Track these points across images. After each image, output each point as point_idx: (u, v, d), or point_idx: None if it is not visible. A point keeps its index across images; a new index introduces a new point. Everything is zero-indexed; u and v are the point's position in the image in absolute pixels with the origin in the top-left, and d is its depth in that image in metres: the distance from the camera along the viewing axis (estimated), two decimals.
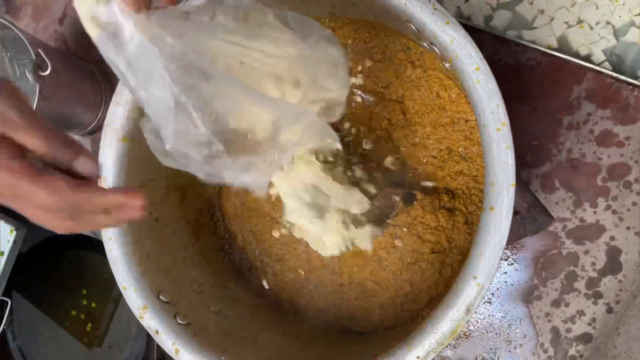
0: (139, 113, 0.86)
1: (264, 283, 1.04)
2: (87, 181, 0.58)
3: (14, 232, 1.15)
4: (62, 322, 1.30)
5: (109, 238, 0.86)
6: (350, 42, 0.99)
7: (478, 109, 0.69)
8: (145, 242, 0.89)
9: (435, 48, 0.75)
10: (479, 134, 0.73)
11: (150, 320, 0.83)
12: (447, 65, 0.77)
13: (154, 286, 0.86)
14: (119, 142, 0.86)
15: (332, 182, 0.92)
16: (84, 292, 1.29)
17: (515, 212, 0.84)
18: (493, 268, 0.67)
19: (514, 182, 0.67)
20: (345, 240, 0.95)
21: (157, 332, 0.83)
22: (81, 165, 0.57)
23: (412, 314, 0.94)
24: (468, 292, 0.69)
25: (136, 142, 0.88)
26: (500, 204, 0.68)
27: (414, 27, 0.75)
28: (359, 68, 1.00)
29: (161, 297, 0.85)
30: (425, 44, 0.82)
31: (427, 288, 0.92)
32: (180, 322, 0.84)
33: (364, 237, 0.95)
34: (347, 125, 0.99)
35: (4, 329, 1.20)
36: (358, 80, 1.00)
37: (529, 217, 0.87)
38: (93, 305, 1.28)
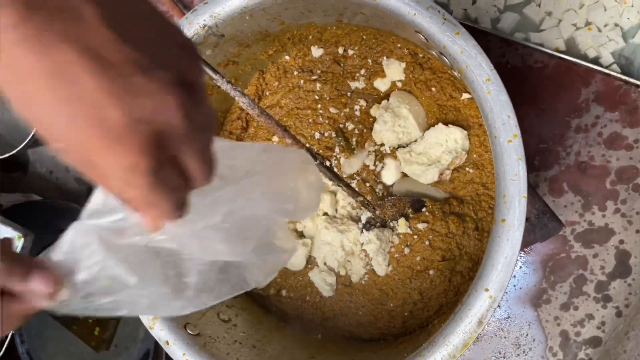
0: None
1: (270, 290, 1.04)
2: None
3: (22, 239, 1.14)
4: (69, 325, 1.30)
5: None
6: (356, 48, 0.99)
7: (489, 120, 0.69)
8: None
9: (445, 58, 0.75)
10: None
11: (160, 331, 0.83)
12: (456, 74, 0.76)
13: None
14: None
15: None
16: None
17: (525, 219, 0.84)
18: (505, 280, 0.67)
19: (525, 194, 0.67)
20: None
21: (168, 343, 0.83)
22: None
23: (421, 322, 0.93)
24: (480, 304, 0.68)
25: None
26: (512, 216, 0.67)
27: (422, 37, 0.75)
28: (362, 72, 1.00)
29: None
30: (434, 53, 0.82)
31: (436, 296, 0.91)
32: (190, 332, 0.84)
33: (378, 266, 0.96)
34: (350, 126, 0.99)
35: (12, 334, 1.20)
36: (360, 84, 1.00)
37: (539, 223, 0.87)
38: None
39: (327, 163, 0.98)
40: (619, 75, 0.99)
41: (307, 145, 0.93)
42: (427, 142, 0.94)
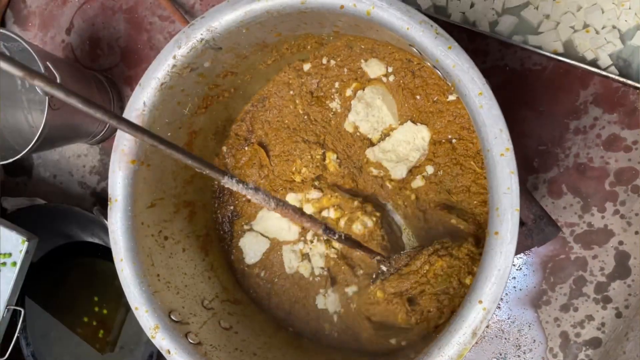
0: None
1: (265, 298, 1.06)
2: None
3: (26, 243, 1.15)
4: (74, 328, 1.32)
5: (120, 259, 0.87)
6: (339, 59, 1.00)
7: (482, 133, 0.69)
8: (156, 262, 0.90)
9: (438, 71, 0.75)
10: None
11: (162, 340, 0.84)
12: (450, 85, 0.77)
13: (165, 306, 0.87)
14: (127, 164, 0.87)
15: None
16: (96, 299, 1.30)
17: (522, 224, 0.84)
18: (499, 292, 0.68)
19: (517, 207, 0.67)
20: None
21: (169, 352, 0.84)
22: None
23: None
24: (474, 316, 0.69)
25: (145, 164, 0.89)
26: (505, 229, 0.68)
27: (416, 50, 0.75)
28: (336, 85, 1.02)
29: (172, 317, 0.86)
30: (428, 64, 0.82)
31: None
32: (191, 341, 0.85)
33: None
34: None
35: (17, 336, 1.21)
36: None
37: (536, 228, 0.87)
38: (105, 312, 1.30)
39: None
40: (617, 77, 0.99)
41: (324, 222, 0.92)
42: (395, 139, 0.97)
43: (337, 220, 1.00)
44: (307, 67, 1.02)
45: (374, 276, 0.97)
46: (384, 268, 0.94)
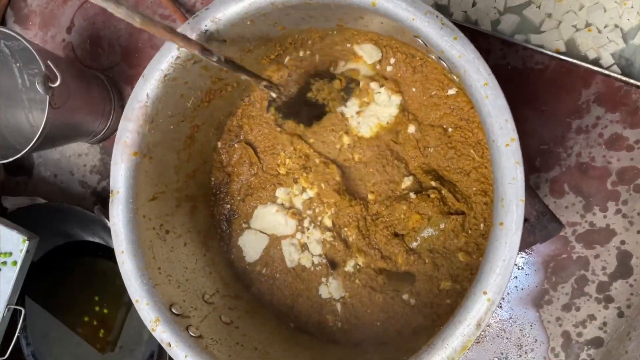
0: (148, 128, 0.87)
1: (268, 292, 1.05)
2: None
3: (27, 242, 1.15)
4: (75, 328, 1.31)
5: (121, 251, 0.86)
6: None
7: (487, 124, 0.69)
8: (157, 255, 0.90)
9: (443, 62, 0.75)
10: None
11: (163, 333, 0.84)
12: (455, 78, 0.77)
13: (166, 299, 0.86)
14: (130, 156, 0.87)
15: None
16: (96, 298, 1.30)
17: (525, 220, 0.84)
18: (503, 284, 0.68)
19: (523, 198, 0.67)
20: None
21: (170, 345, 0.83)
22: None
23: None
24: (478, 307, 0.69)
25: (147, 156, 0.89)
26: (510, 219, 0.67)
27: (421, 42, 0.75)
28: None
29: (173, 310, 0.86)
30: (433, 57, 0.82)
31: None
32: (192, 334, 0.85)
33: None
34: None
35: (18, 336, 1.20)
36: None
37: (539, 224, 0.87)
38: (105, 311, 1.29)
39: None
40: (619, 77, 0.99)
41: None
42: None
43: (316, 195, 1.02)
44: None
45: (267, 105, 0.99)
46: (273, 95, 0.96)
